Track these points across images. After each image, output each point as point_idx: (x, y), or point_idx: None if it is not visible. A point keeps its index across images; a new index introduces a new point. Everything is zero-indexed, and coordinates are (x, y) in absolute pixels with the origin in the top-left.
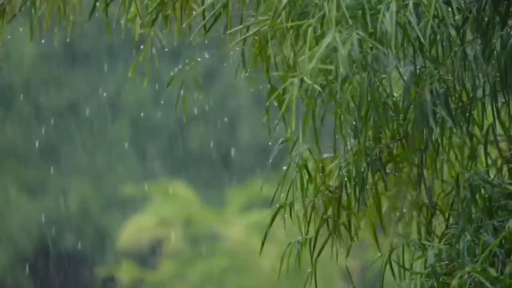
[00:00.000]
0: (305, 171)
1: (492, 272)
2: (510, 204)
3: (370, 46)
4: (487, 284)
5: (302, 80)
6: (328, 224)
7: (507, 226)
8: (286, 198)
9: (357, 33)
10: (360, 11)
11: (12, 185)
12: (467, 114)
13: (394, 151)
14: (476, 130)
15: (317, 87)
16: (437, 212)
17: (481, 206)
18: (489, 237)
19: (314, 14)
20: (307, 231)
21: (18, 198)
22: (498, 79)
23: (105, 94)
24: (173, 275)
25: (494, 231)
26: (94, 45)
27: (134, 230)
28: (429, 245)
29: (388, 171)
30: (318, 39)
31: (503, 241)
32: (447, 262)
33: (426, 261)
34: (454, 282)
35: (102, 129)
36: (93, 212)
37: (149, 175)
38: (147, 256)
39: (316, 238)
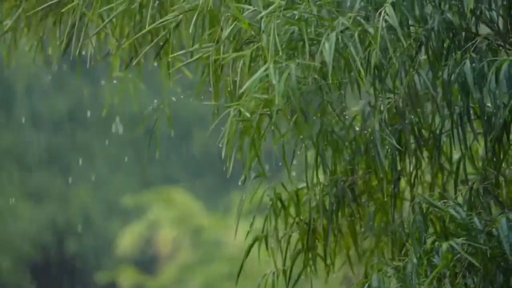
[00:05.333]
0: (279, 203)
1: None
2: (459, 227)
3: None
4: None
5: (240, 111)
6: (303, 255)
7: (440, 250)
8: (262, 230)
9: (298, 63)
10: (301, 42)
11: (14, 191)
12: (436, 148)
13: (362, 184)
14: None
15: (248, 115)
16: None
17: (432, 229)
18: (438, 259)
19: (254, 44)
20: (284, 263)
21: (20, 204)
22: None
23: (105, 101)
24: (174, 281)
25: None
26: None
27: (135, 236)
28: (380, 269)
29: (363, 200)
30: (255, 70)
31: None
32: (398, 284)
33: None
34: None
35: (103, 136)
36: (94, 218)
37: (151, 182)
38: (148, 262)
39: (291, 270)
